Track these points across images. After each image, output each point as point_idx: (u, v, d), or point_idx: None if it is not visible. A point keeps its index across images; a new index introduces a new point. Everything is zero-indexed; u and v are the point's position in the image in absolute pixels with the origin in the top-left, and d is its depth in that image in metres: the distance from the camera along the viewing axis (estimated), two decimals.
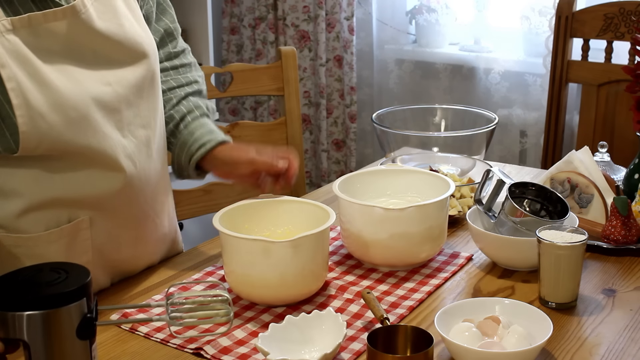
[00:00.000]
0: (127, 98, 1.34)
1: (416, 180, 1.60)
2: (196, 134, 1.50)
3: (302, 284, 1.34)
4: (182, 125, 1.52)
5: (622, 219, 1.53)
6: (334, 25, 3.28)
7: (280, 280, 1.32)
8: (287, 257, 1.29)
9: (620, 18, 2.39)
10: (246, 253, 1.32)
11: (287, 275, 1.31)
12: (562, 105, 2.52)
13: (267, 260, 1.30)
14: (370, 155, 3.44)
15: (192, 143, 1.50)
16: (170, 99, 1.54)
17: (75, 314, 1.03)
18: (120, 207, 1.37)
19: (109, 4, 1.32)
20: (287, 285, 1.33)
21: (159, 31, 1.54)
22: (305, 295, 1.36)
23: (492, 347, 1.18)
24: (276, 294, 1.34)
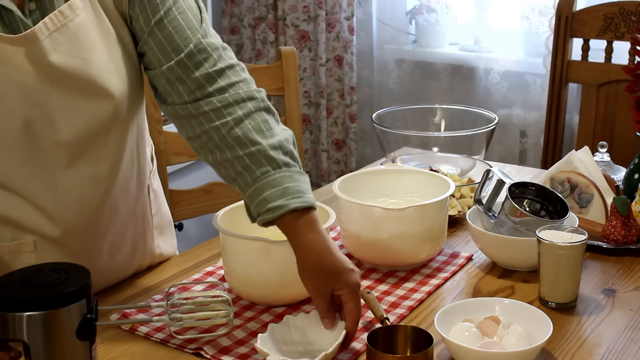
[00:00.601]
0: (80, 133, 1.25)
1: (416, 180, 1.60)
2: (263, 194, 1.23)
3: (302, 284, 1.34)
4: (249, 179, 1.25)
5: (622, 219, 1.53)
6: (334, 25, 3.28)
7: (280, 280, 1.32)
8: (287, 257, 1.29)
9: (620, 18, 2.39)
10: (246, 253, 1.32)
11: (287, 276, 1.31)
12: (562, 105, 2.52)
13: (267, 260, 1.30)
14: (370, 155, 3.44)
15: (258, 201, 1.24)
16: (218, 129, 1.27)
17: (75, 314, 1.03)
18: (66, 240, 1.30)
19: (74, 36, 1.22)
20: (287, 285, 1.33)
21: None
22: (305, 295, 1.36)
23: (492, 347, 1.18)
24: (276, 294, 1.34)
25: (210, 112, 1.27)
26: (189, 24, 1.29)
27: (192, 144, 1.31)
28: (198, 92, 1.28)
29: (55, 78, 1.21)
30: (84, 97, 1.24)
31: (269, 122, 1.28)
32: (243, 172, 1.25)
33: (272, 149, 1.25)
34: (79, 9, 1.22)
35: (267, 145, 1.25)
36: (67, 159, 1.26)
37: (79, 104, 1.24)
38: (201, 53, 1.28)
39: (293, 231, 1.22)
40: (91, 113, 1.26)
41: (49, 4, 1.21)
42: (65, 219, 1.29)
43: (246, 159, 1.24)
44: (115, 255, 1.41)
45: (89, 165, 1.29)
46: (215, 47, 1.30)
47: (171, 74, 1.28)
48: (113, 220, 1.37)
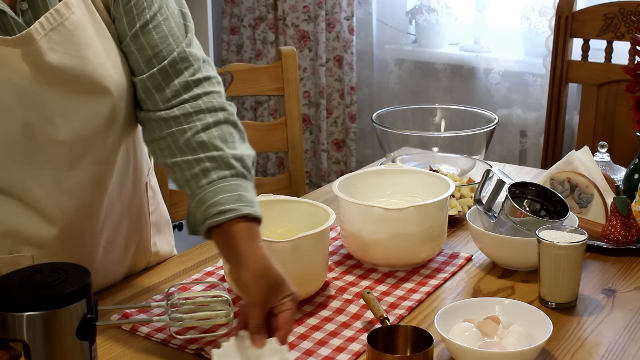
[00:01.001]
0: (80, 133, 1.25)
1: (416, 180, 1.60)
2: (217, 197, 1.21)
3: (301, 285, 1.34)
4: (204, 181, 1.23)
5: (622, 219, 1.53)
6: (334, 25, 3.28)
7: None
8: (287, 257, 1.29)
9: (620, 18, 2.39)
10: None
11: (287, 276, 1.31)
12: (562, 105, 2.52)
13: None
14: (370, 155, 3.44)
15: (210, 204, 1.21)
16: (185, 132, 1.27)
17: (76, 314, 1.03)
18: (64, 239, 1.30)
19: (70, 34, 1.21)
20: None
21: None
22: (305, 296, 1.36)
23: (492, 347, 1.18)
24: None
25: (181, 117, 1.26)
26: (172, 31, 1.29)
27: (153, 145, 1.29)
28: (173, 100, 1.28)
29: (52, 78, 1.21)
30: (81, 96, 1.24)
31: (234, 135, 1.28)
32: (199, 174, 1.23)
33: (233, 158, 1.24)
34: (75, 6, 1.22)
35: (229, 154, 1.24)
36: (69, 159, 1.26)
37: (77, 104, 1.24)
38: (183, 62, 1.28)
39: (242, 237, 1.17)
40: (90, 112, 1.25)
41: (42, 3, 1.20)
42: (64, 219, 1.29)
43: (206, 162, 1.23)
44: (110, 251, 1.41)
45: (90, 166, 1.29)
46: (197, 58, 1.30)
47: (150, 82, 1.27)
48: (109, 217, 1.37)
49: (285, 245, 1.29)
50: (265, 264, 1.16)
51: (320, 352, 1.23)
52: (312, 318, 1.33)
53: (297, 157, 2.19)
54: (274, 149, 2.18)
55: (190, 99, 1.28)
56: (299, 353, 1.23)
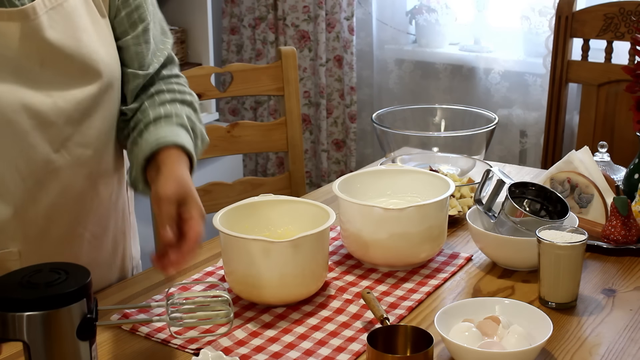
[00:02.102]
0: (69, 114, 1.27)
1: (416, 180, 1.60)
2: (161, 134, 1.32)
3: (302, 284, 1.34)
4: (152, 127, 1.34)
5: (622, 219, 1.53)
6: (334, 25, 3.28)
7: (280, 280, 1.32)
8: (287, 257, 1.29)
9: (620, 18, 2.39)
10: (246, 253, 1.32)
11: (287, 276, 1.31)
12: (562, 105, 2.52)
13: (267, 260, 1.30)
14: (370, 155, 3.44)
15: (152, 141, 1.31)
16: (154, 101, 1.39)
17: (76, 314, 1.03)
18: (48, 226, 1.31)
19: (68, 16, 1.25)
20: (287, 286, 1.33)
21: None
22: (305, 295, 1.36)
23: (492, 347, 1.18)
24: (276, 294, 1.34)
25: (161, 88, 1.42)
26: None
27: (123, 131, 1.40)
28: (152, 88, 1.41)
29: (48, 56, 1.24)
30: (73, 78, 1.27)
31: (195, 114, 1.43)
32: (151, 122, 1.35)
33: (187, 119, 1.38)
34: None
35: (184, 114, 1.38)
36: (57, 141, 1.27)
37: (69, 85, 1.27)
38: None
39: (168, 159, 1.27)
40: (80, 94, 1.28)
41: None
42: (48, 202, 1.29)
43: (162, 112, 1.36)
44: (96, 247, 1.41)
45: (75, 149, 1.30)
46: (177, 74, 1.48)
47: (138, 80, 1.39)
48: (94, 208, 1.38)
49: (285, 245, 1.29)
50: (182, 173, 1.25)
51: (320, 352, 1.23)
52: (312, 318, 1.33)
53: (297, 157, 2.19)
54: (274, 149, 2.18)
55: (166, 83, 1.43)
56: (299, 353, 1.23)
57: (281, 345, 1.25)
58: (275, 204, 1.46)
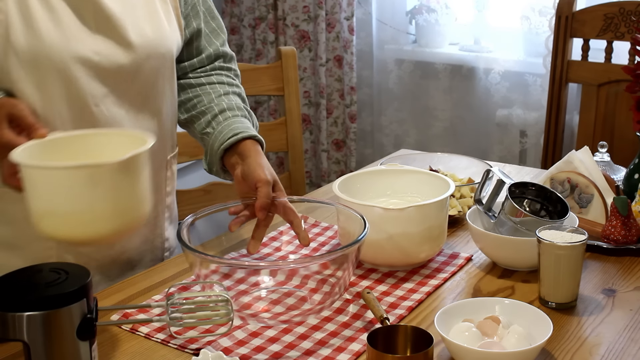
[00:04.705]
0: (111, 73, 1.37)
1: (416, 180, 1.60)
2: (233, 126, 1.50)
3: (134, 212, 1.19)
4: (221, 117, 1.53)
5: (622, 219, 1.53)
6: (334, 25, 3.28)
7: (113, 209, 1.16)
8: (120, 182, 1.14)
9: (620, 18, 2.39)
10: (68, 187, 1.13)
11: (120, 204, 1.16)
12: (562, 105, 2.52)
13: (95, 190, 1.14)
14: (370, 155, 3.44)
15: (226, 132, 1.49)
16: (210, 93, 1.58)
17: (76, 314, 1.03)
18: None
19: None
20: (120, 214, 1.17)
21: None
22: (136, 227, 1.22)
23: (492, 347, 1.18)
24: (107, 226, 1.17)
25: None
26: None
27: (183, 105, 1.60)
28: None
29: (101, 21, 1.35)
30: (118, 44, 1.38)
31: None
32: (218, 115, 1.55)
33: (246, 111, 1.60)
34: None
35: (242, 107, 1.59)
36: (97, 95, 1.37)
37: (114, 49, 1.37)
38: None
39: (248, 148, 1.47)
40: (124, 59, 1.39)
41: None
42: None
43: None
44: None
45: (112, 107, 1.40)
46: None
47: None
48: None
49: (116, 167, 1.13)
50: (267, 162, 1.45)
51: (320, 352, 1.24)
52: (312, 318, 1.33)
53: (297, 157, 2.19)
54: (274, 149, 2.18)
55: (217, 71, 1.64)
56: (299, 353, 1.23)
57: (281, 345, 1.25)
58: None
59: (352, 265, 1.32)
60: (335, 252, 1.33)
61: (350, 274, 1.34)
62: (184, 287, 1.42)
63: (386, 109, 3.36)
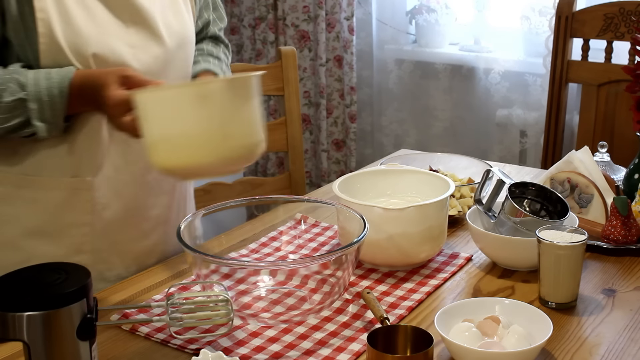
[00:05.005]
0: (147, 66, 1.41)
1: (416, 180, 1.60)
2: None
3: (247, 136, 1.19)
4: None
5: (622, 219, 1.53)
6: (334, 25, 3.28)
7: (222, 131, 1.17)
8: (227, 102, 1.15)
9: (620, 18, 2.39)
10: (175, 108, 1.16)
11: (231, 125, 1.17)
12: (562, 105, 2.52)
13: (204, 109, 1.15)
14: (370, 155, 3.44)
15: None
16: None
17: (76, 314, 1.03)
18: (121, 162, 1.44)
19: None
20: (230, 137, 1.17)
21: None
22: (249, 147, 1.20)
23: (492, 347, 1.18)
24: (218, 149, 1.18)
25: None
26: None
27: None
28: None
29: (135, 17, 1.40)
30: (151, 37, 1.42)
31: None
32: None
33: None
34: None
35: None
36: None
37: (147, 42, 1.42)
38: None
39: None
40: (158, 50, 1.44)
41: None
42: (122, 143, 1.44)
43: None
44: (164, 203, 1.55)
45: None
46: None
47: None
48: None
49: (223, 83, 1.18)
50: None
51: (320, 352, 1.24)
52: (312, 318, 1.33)
53: (297, 157, 2.19)
54: (274, 149, 2.18)
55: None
56: (299, 353, 1.23)
57: (281, 345, 1.25)
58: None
59: (352, 265, 1.32)
60: (335, 252, 1.33)
61: (350, 274, 1.34)
62: (184, 287, 1.42)
63: (386, 109, 3.35)
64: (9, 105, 1.30)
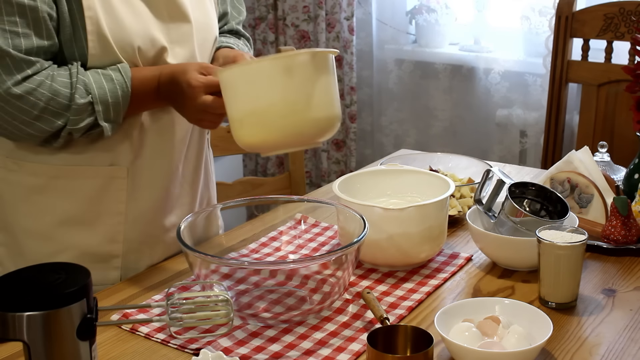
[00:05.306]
0: (182, 62, 1.43)
1: (416, 180, 1.60)
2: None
3: (330, 105, 1.25)
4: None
5: (622, 219, 1.53)
6: (334, 25, 3.28)
7: (306, 102, 1.23)
8: (310, 71, 1.22)
9: (620, 18, 2.39)
10: (264, 80, 1.22)
11: (313, 96, 1.23)
12: (562, 105, 2.52)
13: (290, 81, 1.22)
14: (370, 155, 3.44)
15: None
16: None
17: (76, 314, 1.03)
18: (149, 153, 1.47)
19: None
20: (315, 107, 1.24)
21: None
22: (332, 116, 1.27)
23: (492, 347, 1.18)
24: (304, 119, 1.24)
25: None
26: None
27: None
28: None
29: (174, 13, 1.43)
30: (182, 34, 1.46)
31: None
32: None
33: None
34: None
35: None
36: None
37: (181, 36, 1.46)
38: None
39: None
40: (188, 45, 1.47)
41: None
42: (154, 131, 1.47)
43: None
44: (189, 193, 1.57)
45: None
46: None
47: None
48: (188, 155, 1.55)
49: (307, 56, 1.23)
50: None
51: (320, 352, 1.24)
52: (312, 318, 1.33)
53: (297, 157, 2.19)
54: None
55: None
56: (299, 353, 1.23)
57: (281, 345, 1.25)
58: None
59: (352, 265, 1.32)
60: (335, 252, 1.33)
61: (350, 274, 1.34)
62: (184, 287, 1.42)
63: (386, 109, 3.35)
64: (79, 107, 1.33)
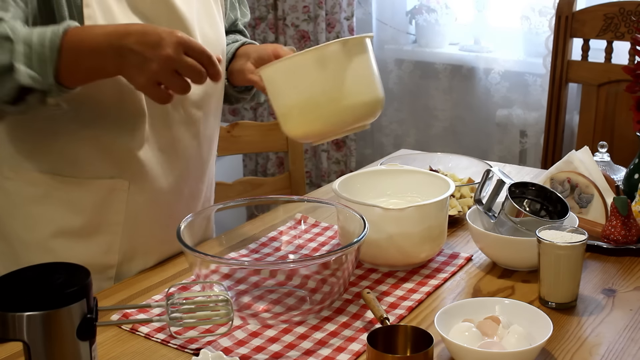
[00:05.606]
0: None
1: (416, 180, 1.60)
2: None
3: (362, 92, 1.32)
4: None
5: (622, 219, 1.53)
6: (334, 25, 3.28)
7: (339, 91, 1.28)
8: (343, 62, 1.27)
9: (620, 18, 2.39)
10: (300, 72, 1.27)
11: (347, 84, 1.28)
12: (562, 105, 2.53)
13: (324, 73, 1.27)
14: (370, 155, 3.44)
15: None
16: None
17: (76, 314, 1.03)
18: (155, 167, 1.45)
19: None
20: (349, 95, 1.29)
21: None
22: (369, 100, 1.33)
23: (492, 347, 1.18)
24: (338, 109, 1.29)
25: None
26: None
27: None
28: None
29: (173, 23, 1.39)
30: None
31: None
32: None
33: None
34: None
35: None
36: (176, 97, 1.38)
37: None
38: None
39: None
40: None
41: None
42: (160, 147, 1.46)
43: None
44: (191, 208, 1.56)
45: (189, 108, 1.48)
46: None
47: None
48: (194, 168, 1.55)
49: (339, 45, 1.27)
50: None
51: (320, 352, 1.24)
52: (312, 318, 1.33)
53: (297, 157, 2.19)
54: (274, 149, 2.19)
55: None
56: (299, 353, 1.23)
57: (281, 345, 1.25)
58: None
59: (352, 265, 1.32)
60: (335, 252, 1.33)
61: (350, 274, 1.34)
62: (184, 287, 1.42)
63: (386, 109, 3.35)
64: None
